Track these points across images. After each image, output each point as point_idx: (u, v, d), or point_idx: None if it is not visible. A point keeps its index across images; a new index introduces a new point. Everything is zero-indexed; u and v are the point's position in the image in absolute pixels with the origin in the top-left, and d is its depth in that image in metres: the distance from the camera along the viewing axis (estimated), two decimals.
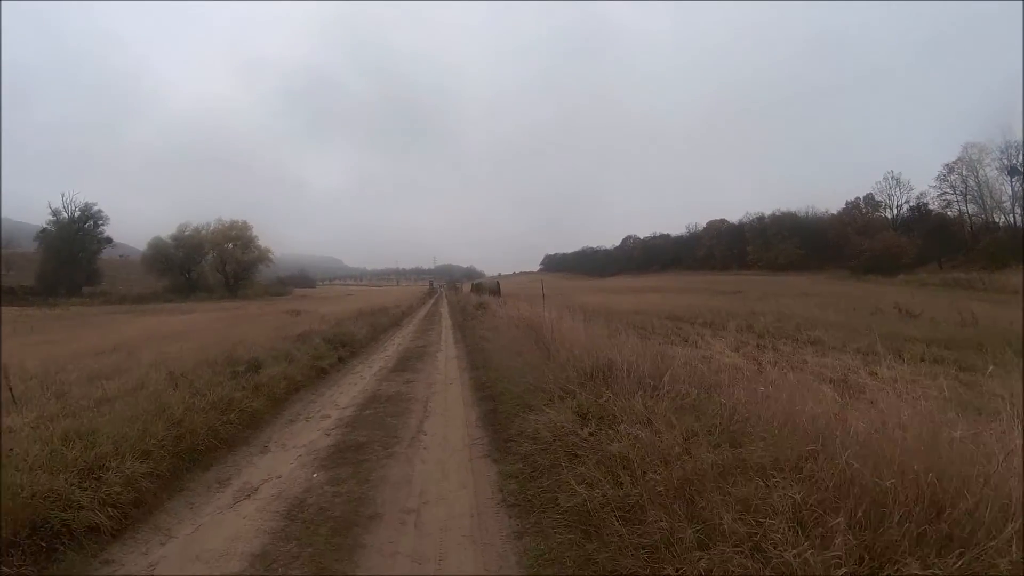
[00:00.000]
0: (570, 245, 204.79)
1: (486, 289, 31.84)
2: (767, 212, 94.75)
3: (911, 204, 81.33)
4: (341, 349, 11.71)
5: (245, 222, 71.23)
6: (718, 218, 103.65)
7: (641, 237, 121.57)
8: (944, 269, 64.29)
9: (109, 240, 73.12)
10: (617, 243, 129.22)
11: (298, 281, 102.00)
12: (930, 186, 75.16)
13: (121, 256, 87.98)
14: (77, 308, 52.65)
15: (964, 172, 70.67)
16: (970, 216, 72.30)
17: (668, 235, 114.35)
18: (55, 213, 69.96)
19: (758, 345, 9.89)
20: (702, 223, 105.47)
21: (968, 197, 71.44)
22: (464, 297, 33.93)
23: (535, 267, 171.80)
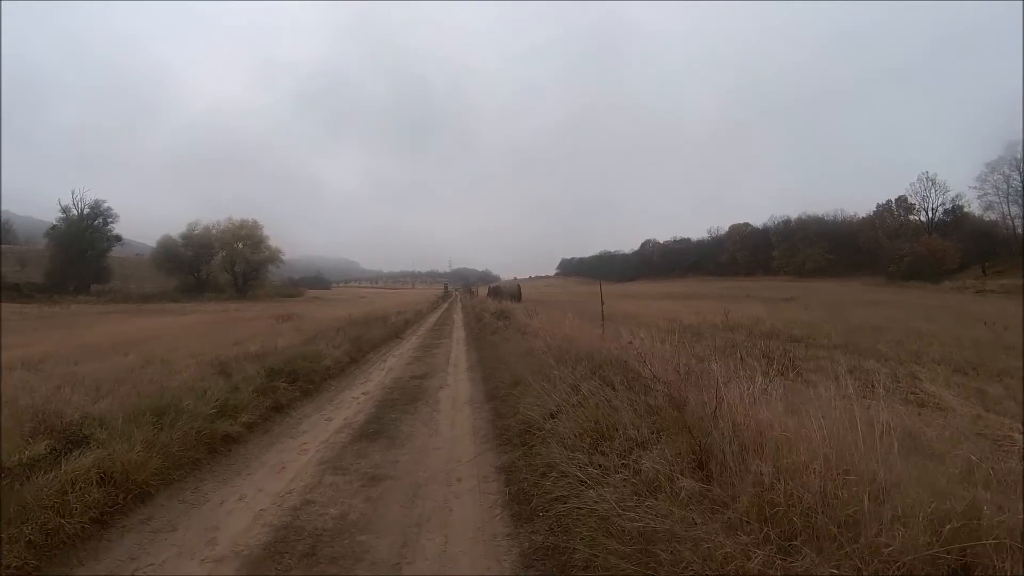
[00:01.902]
0: (586, 250, 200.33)
1: (505, 293, 27.13)
2: (792, 216, 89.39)
3: (946, 207, 75.74)
4: (287, 388, 7.13)
5: (256, 221, 67.51)
6: (740, 222, 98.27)
7: (661, 241, 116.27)
8: (988, 275, 58.66)
9: (118, 238, 70.07)
10: (635, 247, 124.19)
11: (313, 283, 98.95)
12: (969, 187, 69.33)
13: (137, 254, 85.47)
14: (77, 307, 49.69)
15: (1007, 171, 64.56)
16: (1012, 218, 66.27)
17: (689, 239, 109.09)
18: (65, 210, 67.56)
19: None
20: (724, 227, 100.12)
21: (1010, 198, 65.35)
22: (480, 302, 29.26)
23: (551, 271, 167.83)
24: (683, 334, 9.33)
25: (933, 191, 74.02)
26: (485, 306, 23.38)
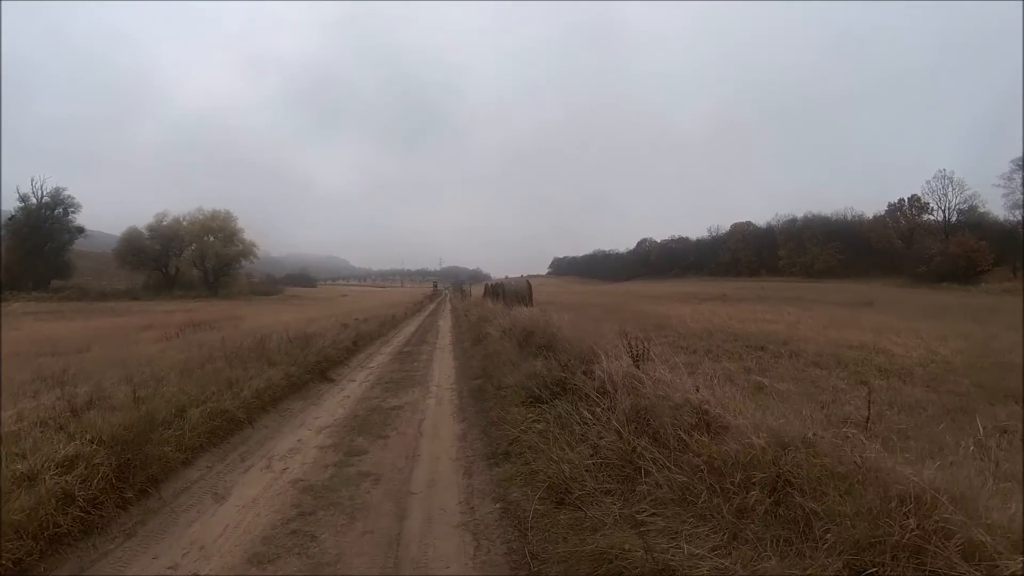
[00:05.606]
0: (578, 249, 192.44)
1: (510, 294, 19.56)
2: (799, 215, 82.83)
3: (961, 207, 69.64)
4: None
5: (228, 212, 59.32)
6: (740, 221, 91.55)
7: (658, 240, 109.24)
8: (1019, 276, 52.65)
9: (81, 230, 61.55)
10: (629, 247, 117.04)
11: (297, 280, 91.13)
12: (993, 184, 63.31)
13: (113, 249, 77.38)
14: (19, 305, 41.84)
15: None
16: None
17: (687, 238, 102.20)
18: (23, 199, 58.90)
19: None
20: (724, 226, 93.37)
21: None
22: (476, 305, 21.53)
23: (543, 270, 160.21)
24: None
25: (951, 189, 67.73)
26: (484, 312, 15.90)
